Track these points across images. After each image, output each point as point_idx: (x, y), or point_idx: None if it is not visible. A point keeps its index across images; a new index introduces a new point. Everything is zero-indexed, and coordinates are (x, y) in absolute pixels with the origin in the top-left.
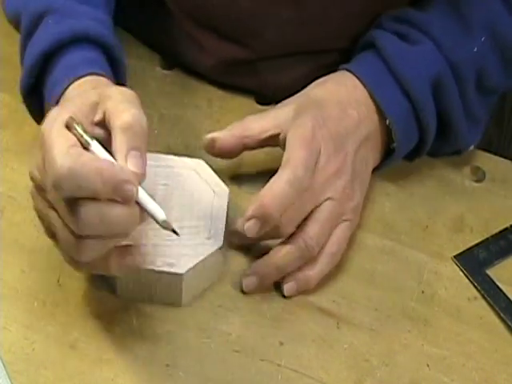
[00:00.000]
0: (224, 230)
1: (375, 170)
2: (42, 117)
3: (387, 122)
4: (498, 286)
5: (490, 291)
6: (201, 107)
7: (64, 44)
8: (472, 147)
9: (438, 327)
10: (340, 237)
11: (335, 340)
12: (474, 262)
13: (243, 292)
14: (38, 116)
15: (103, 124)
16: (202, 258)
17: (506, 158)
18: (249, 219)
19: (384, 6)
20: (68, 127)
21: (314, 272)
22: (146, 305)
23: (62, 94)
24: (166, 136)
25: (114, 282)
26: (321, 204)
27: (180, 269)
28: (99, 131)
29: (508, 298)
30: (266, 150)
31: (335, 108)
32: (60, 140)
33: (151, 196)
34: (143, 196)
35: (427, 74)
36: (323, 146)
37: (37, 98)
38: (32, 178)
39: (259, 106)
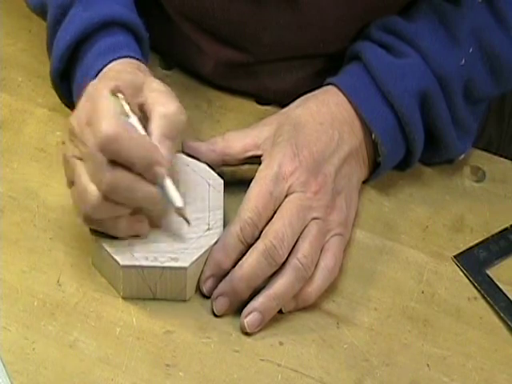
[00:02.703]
0: (223, 220)
1: (365, 183)
2: (72, 100)
3: (373, 136)
4: (498, 286)
5: (489, 291)
6: (201, 107)
7: (94, 30)
8: (463, 155)
9: (438, 327)
10: (335, 251)
11: (335, 340)
12: (474, 262)
13: None
14: (68, 100)
15: (141, 109)
16: (204, 249)
17: (506, 158)
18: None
19: (381, 10)
20: (114, 95)
21: (312, 288)
22: (146, 305)
23: (97, 75)
24: None
25: (118, 283)
26: (307, 225)
27: (184, 262)
28: (138, 115)
29: (508, 297)
30: None
31: (314, 131)
32: (109, 104)
33: (175, 184)
34: (168, 181)
35: (414, 88)
36: (294, 177)
37: (67, 83)
38: (70, 127)
39: (259, 106)
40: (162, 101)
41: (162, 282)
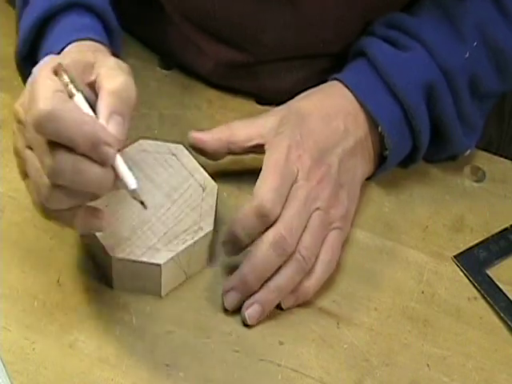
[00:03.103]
0: (214, 211)
1: (370, 178)
2: None
3: (379, 129)
4: (498, 286)
5: (489, 291)
6: (201, 107)
7: (59, 10)
8: (468, 151)
9: (438, 327)
10: (333, 244)
11: (335, 340)
12: (474, 262)
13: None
14: None
15: (93, 88)
16: (191, 242)
17: (506, 158)
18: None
19: (381, 10)
20: (56, 73)
21: (311, 282)
22: (146, 305)
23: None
24: (166, 136)
25: (110, 276)
26: (311, 215)
27: (161, 260)
28: (89, 93)
29: (508, 297)
30: None
31: (319, 122)
32: (47, 82)
33: (127, 163)
34: (119, 162)
35: (419, 80)
36: (300, 163)
37: (31, 67)
38: (16, 114)
39: (259, 106)
40: (110, 77)
41: (153, 277)
